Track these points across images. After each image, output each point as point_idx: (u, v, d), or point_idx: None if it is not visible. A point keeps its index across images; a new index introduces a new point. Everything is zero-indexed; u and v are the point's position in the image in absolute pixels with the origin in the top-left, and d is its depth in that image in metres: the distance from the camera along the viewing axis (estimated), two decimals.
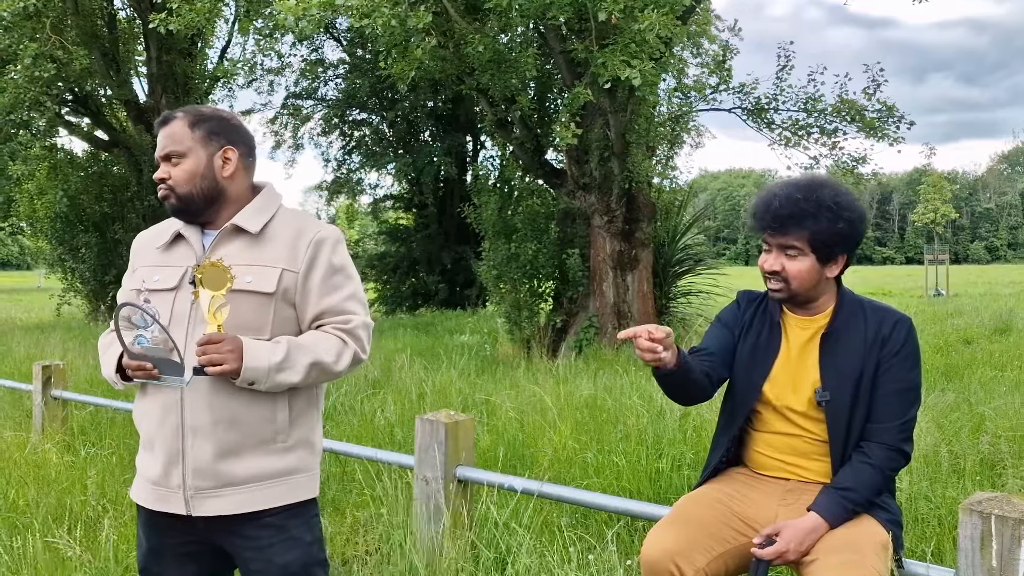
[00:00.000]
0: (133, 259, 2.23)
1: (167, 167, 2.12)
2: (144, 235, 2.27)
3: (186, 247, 2.15)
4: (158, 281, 2.11)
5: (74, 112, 17.74)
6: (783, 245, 2.40)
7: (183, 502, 2.04)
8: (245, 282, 2.03)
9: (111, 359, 2.11)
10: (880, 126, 11.31)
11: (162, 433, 2.05)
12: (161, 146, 2.13)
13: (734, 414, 2.57)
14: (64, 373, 6.56)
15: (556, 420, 5.55)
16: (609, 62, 8.09)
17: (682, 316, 12.05)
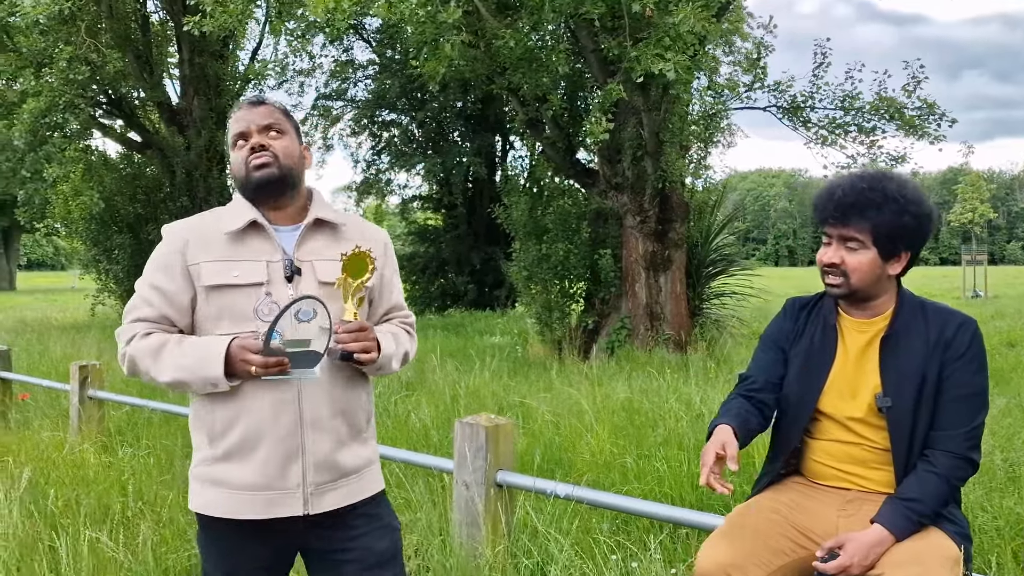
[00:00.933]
0: (184, 253, 2.00)
1: (265, 137, 2.06)
2: (188, 228, 2.06)
3: (262, 240, 2.04)
4: (237, 276, 2.00)
5: (108, 114, 17.95)
6: (844, 237, 2.30)
7: (302, 501, 1.99)
8: (327, 275, 2.06)
9: (209, 357, 1.90)
10: (920, 124, 11.07)
11: (275, 431, 1.98)
12: (261, 116, 2.08)
13: (791, 424, 2.48)
14: (100, 373, 6.60)
15: (593, 423, 5.47)
16: (643, 57, 7.98)
17: (715, 318, 11.89)
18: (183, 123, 18.00)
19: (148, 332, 1.99)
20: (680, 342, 11.33)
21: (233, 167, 2.12)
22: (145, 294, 2.03)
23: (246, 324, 1.97)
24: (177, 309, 2.02)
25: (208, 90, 18.01)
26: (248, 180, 2.05)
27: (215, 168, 18.30)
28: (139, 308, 2.03)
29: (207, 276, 1.99)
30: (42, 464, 5.08)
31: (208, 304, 1.99)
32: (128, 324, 2.02)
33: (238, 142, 2.09)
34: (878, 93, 11.37)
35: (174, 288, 2.02)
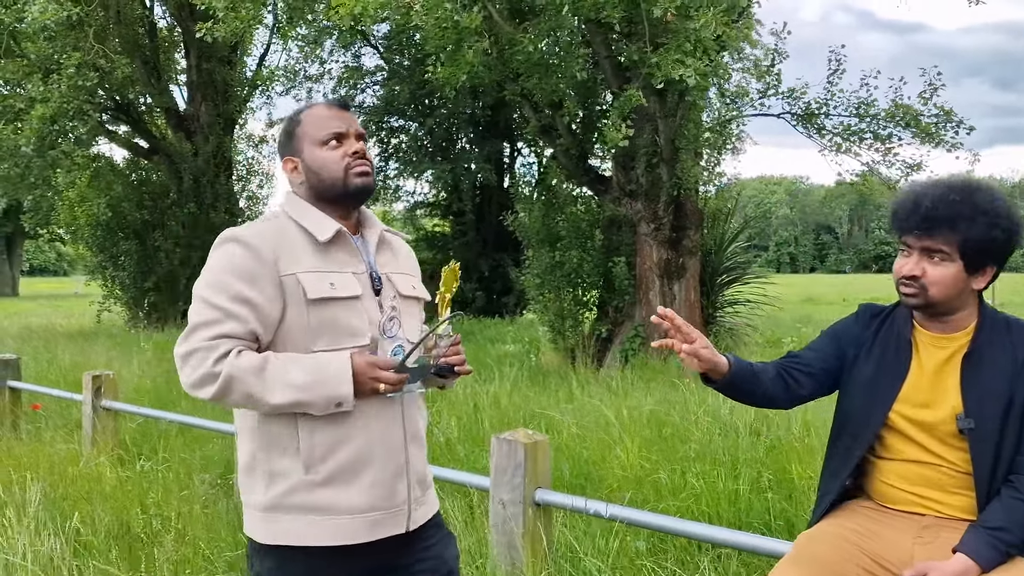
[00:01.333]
0: (276, 262, 1.85)
1: (363, 146, 2.03)
2: (268, 235, 1.90)
3: (347, 251, 1.97)
4: (334, 288, 1.90)
5: (114, 120, 17.87)
6: (928, 249, 2.18)
7: (406, 517, 1.97)
8: (412, 288, 2.09)
9: (335, 375, 1.80)
10: (936, 132, 10.96)
11: (385, 449, 1.93)
12: (356, 123, 2.05)
13: (854, 441, 2.35)
14: (114, 383, 6.47)
15: (622, 436, 5.34)
16: (663, 62, 7.88)
17: (730, 326, 11.77)
18: (190, 129, 17.92)
19: (240, 350, 1.81)
20: None
21: (321, 165, 1.99)
22: (228, 306, 1.82)
23: (345, 340, 1.89)
24: (265, 325, 1.86)
25: (215, 96, 17.94)
26: (347, 184, 1.97)
27: (222, 174, 18.21)
28: (221, 323, 1.81)
29: (310, 288, 1.87)
30: (56, 478, 4.96)
31: (307, 318, 1.86)
32: (207, 341, 1.80)
33: (331, 141, 1.99)
34: (893, 100, 11.26)
35: (264, 301, 1.84)
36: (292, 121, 2.04)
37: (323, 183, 1.98)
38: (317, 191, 2.00)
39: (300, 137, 2.01)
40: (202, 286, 1.88)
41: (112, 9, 15.96)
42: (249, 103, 19.02)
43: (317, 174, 1.98)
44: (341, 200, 1.99)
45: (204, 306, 1.84)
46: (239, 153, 19.82)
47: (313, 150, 1.98)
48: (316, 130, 1.98)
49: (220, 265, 1.87)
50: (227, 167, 18.47)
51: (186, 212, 17.39)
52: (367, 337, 1.91)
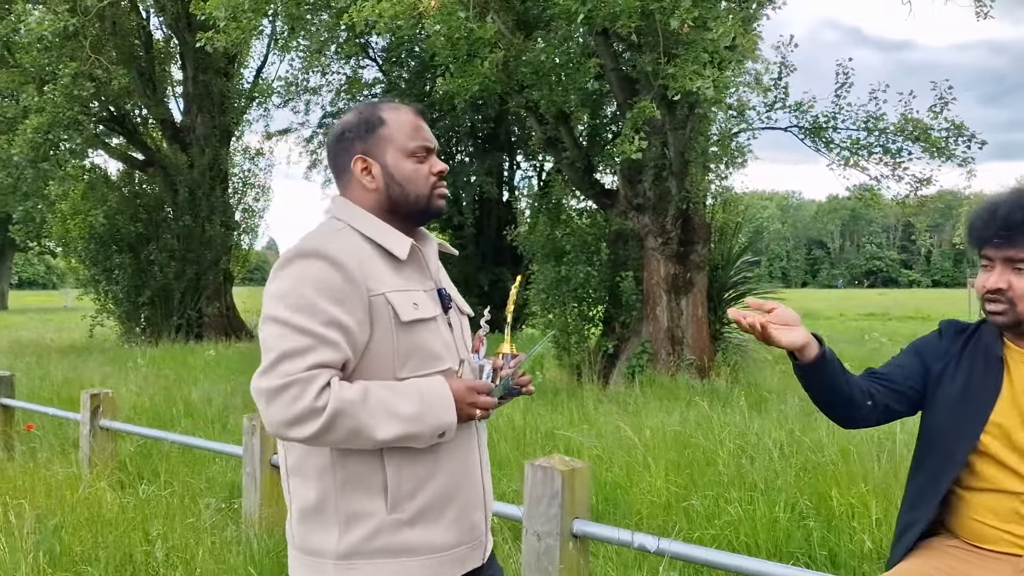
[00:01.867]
0: (365, 281, 1.66)
1: (445, 165, 1.90)
2: (348, 250, 1.68)
3: (416, 268, 1.82)
4: (418, 309, 1.73)
5: (109, 132, 17.64)
6: (1011, 259, 2.00)
7: (483, 548, 1.86)
8: (464, 304, 1.97)
9: (439, 403, 1.66)
10: (946, 146, 10.83)
11: (467, 479, 1.80)
12: (431, 138, 1.89)
13: (941, 468, 2.14)
14: (113, 402, 6.22)
15: (647, 459, 5.12)
16: (679, 74, 7.72)
17: (738, 343, 11.57)
18: (186, 141, 17.70)
19: (338, 380, 1.63)
20: (702, 367, 11.01)
21: (409, 178, 1.80)
22: (321, 331, 1.60)
23: (431, 364, 1.74)
24: (355, 350, 1.66)
25: (212, 107, 17.74)
26: (430, 204, 1.83)
27: (218, 187, 17.98)
28: (315, 350, 1.58)
29: (401, 309, 1.70)
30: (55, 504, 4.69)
31: (396, 343, 1.69)
32: (303, 372, 1.57)
33: (420, 153, 1.82)
34: (903, 114, 11.14)
35: (355, 324, 1.64)
36: (374, 118, 1.82)
37: (406, 197, 1.80)
38: (394, 203, 1.81)
39: (384, 139, 1.81)
40: (282, 308, 1.63)
41: (109, 20, 15.77)
42: (246, 115, 18.82)
43: (402, 186, 1.80)
44: (416, 218, 1.84)
45: (291, 331, 1.60)
46: (235, 166, 19.59)
47: (400, 159, 1.80)
48: (406, 137, 1.80)
49: (304, 283, 1.64)
50: (223, 179, 18.24)
51: (181, 225, 17.13)
52: (447, 360, 1.77)
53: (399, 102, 1.91)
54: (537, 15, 10.17)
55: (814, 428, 6.04)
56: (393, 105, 1.86)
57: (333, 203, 1.87)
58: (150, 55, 17.36)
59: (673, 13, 7.44)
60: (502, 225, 17.99)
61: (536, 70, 9.60)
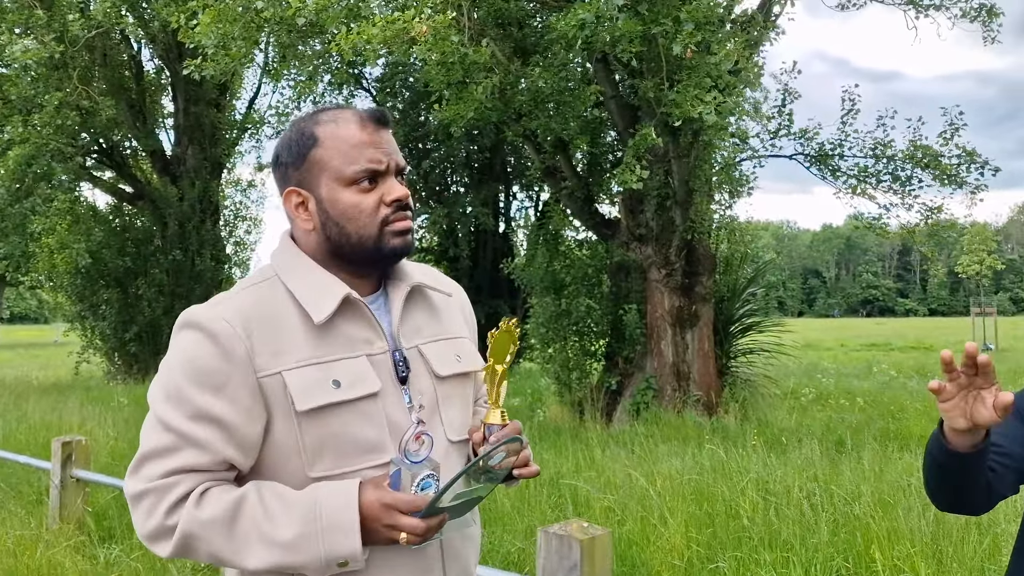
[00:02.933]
0: (251, 356, 1.30)
1: (404, 187, 1.42)
2: (241, 312, 1.33)
3: (355, 321, 1.38)
4: (341, 388, 1.31)
5: (98, 165, 17.31)
6: None
7: None
8: (456, 361, 1.48)
9: (334, 523, 1.25)
10: (957, 174, 10.52)
11: None
12: (395, 149, 1.42)
13: None
14: (86, 449, 5.75)
15: (663, 512, 4.68)
16: (681, 100, 7.40)
17: (745, 377, 11.15)
18: (176, 173, 17.37)
19: (204, 489, 1.29)
20: (710, 403, 10.58)
21: (347, 215, 1.38)
22: (185, 428, 1.28)
23: (357, 458, 1.33)
24: (241, 447, 1.30)
25: (203, 139, 17.43)
26: (381, 245, 1.38)
27: (209, 219, 17.62)
28: (177, 452, 1.28)
29: (301, 394, 1.29)
30: (15, 564, 4.23)
31: (302, 435, 1.31)
32: (158, 480, 1.28)
33: (364, 181, 1.38)
34: (912, 141, 10.85)
35: (236, 415, 1.29)
36: (305, 136, 1.40)
37: (347, 239, 1.38)
38: (335, 246, 1.39)
39: (317, 164, 1.39)
40: (156, 394, 1.32)
41: (98, 51, 15.51)
42: (237, 146, 18.52)
43: (339, 226, 1.38)
44: (367, 264, 1.41)
45: (157, 425, 1.31)
46: (226, 198, 19.25)
47: (336, 189, 1.38)
48: (343, 160, 1.37)
49: (176, 364, 1.31)
50: (214, 212, 17.89)
51: (170, 259, 16.73)
52: (390, 451, 1.34)
53: (345, 107, 1.46)
54: (535, 41, 9.90)
55: (839, 473, 5.62)
56: (333, 114, 1.42)
57: (278, 241, 1.48)
58: (141, 86, 17.08)
59: (675, 38, 7.14)
60: (498, 257, 17.64)
61: (533, 97, 9.30)
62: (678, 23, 6.75)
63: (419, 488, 1.30)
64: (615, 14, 6.34)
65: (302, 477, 1.30)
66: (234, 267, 18.80)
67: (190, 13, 9.43)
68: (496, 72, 7.72)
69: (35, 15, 13.59)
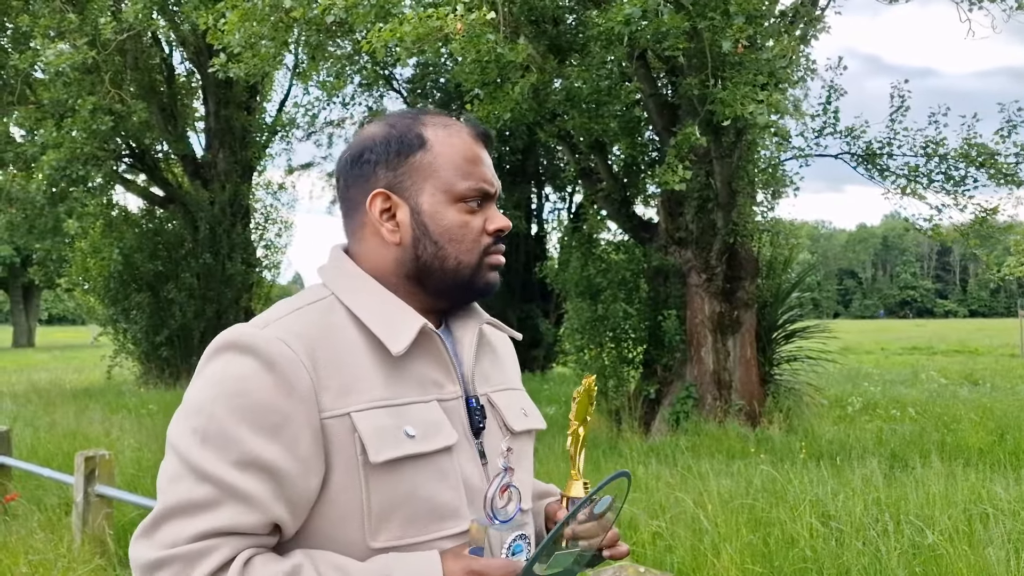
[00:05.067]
0: (315, 392, 1.04)
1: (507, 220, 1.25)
2: (302, 336, 1.07)
3: (431, 360, 1.15)
4: (414, 439, 1.06)
5: (131, 168, 17.32)
6: None
7: None
8: (524, 417, 1.27)
9: None
10: (1014, 173, 10.02)
11: None
12: (493, 178, 1.23)
13: None
14: (110, 464, 5.56)
15: (715, 541, 4.35)
16: (728, 98, 7.04)
17: (789, 385, 10.74)
18: (207, 177, 17.32)
19: (248, 558, 1.01)
20: (752, 413, 10.19)
21: (449, 234, 1.14)
22: (229, 478, 1.00)
23: (431, 526, 1.09)
24: (293, 505, 1.04)
25: (234, 142, 17.36)
26: (475, 279, 1.18)
27: (239, 223, 17.54)
28: (216, 508, 1.00)
29: (375, 442, 1.04)
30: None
31: (369, 494, 1.06)
32: (188, 544, 1.00)
33: (473, 201, 1.16)
34: (965, 139, 10.35)
35: (294, 465, 1.03)
36: (411, 136, 1.17)
37: (442, 263, 1.15)
38: (422, 269, 1.14)
39: (422, 169, 1.16)
40: (183, 432, 1.03)
41: (130, 54, 15.48)
42: (268, 149, 18.44)
43: (438, 245, 1.14)
44: (452, 295, 1.17)
45: (187, 473, 1.02)
46: (257, 201, 19.18)
47: (441, 203, 1.16)
48: (456, 172, 1.16)
49: (219, 396, 1.02)
50: (244, 215, 17.81)
51: (201, 263, 16.66)
52: (463, 517, 1.11)
53: (446, 114, 1.22)
54: (571, 39, 9.58)
55: (903, 495, 5.24)
56: (443, 119, 1.19)
57: (329, 257, 1.21)
58: (172, 89, 17.07)
59: (724, 32, 6.79)
60: (531, 260, 17.34)
61: (570, 96, 8.98)
62: (727, 17, 6.41)
63: (510, 553, 1.08)
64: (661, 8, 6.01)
65: (361, 548, 1.05)
66: (264, 270, 18.71)
67: (219, 14, 9.27)
68: (532, 71, 7.42)
69: (67, 19, 13.58)
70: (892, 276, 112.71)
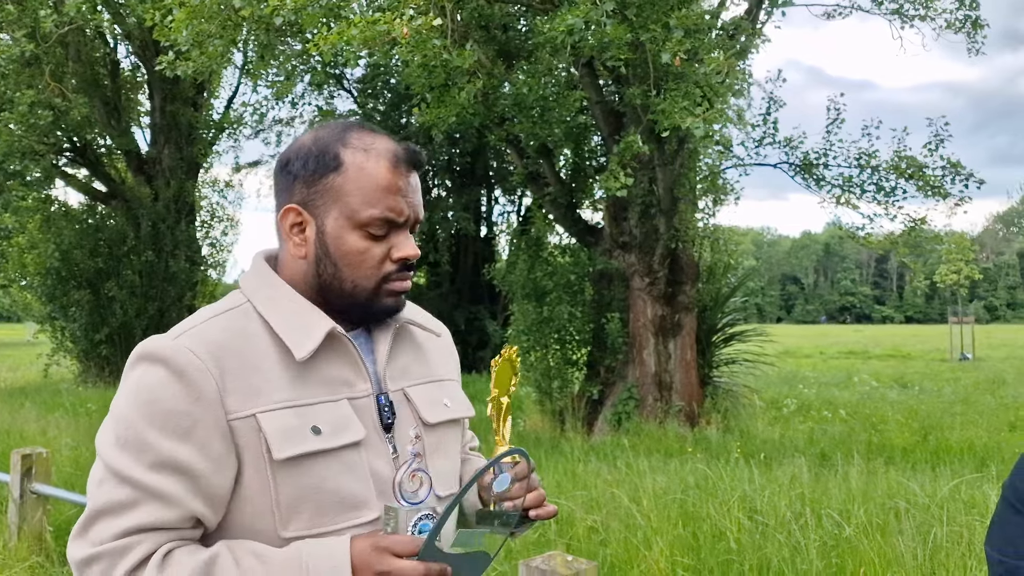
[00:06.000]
0: (221, 397, 1.13)
1: (416, 248, 1.28)
2: (212, 343, 1.16)
3: (341, 362, 1.23)
4: (320, 435, 1.15)
5: (72, 163, 16.95)
6: None
7: None
8: (444, 408, 1.34)
9: None
10: (940, 185, 10.49)
11: None
12: (413, 202, 1.25)
13: None
14: (47, 463, 5.52)
15: (647, 534, 4.53)
16: (669, 110, 7.27)
17: (727, 387, 11.06)
18: (151, 173, 17.04)
19: (168, 551, 1.11)
20: (691, 414, 10.48)
21: (347, 259, 1.22)
22: (146, 480, 1.10)
23: (339, 516, 1.17)
24: (211, 500, 1.14)
25: (180, 138, 17.12)
26: (372, 303, 1.24)
27: (184, 220, 17.31)
28: (136, 507, 1.10)
29: (278, 440, 1.13)
30: None
31: (277, 488, 1.14)
32: (114, 543, 1.10)
33: (373, 226, 1.22)
34: (896, 151, 10.81)
35: (206, 464, 1.12)
36: (328, 155, 1.22)
37: (339, 283, 1.23)
38: (323, 285, 1.23)
39: (332, 191, 1.22)
40: (107, 440, 1.13)
41: (72, 47, 15.17)
42: (215, 146, 18.22)
43: (336, 267, 1.22)
44: (350, 314, 1.25)
45: (111, 477, 1.12)
46: (203, 198, 18.93)
47: (345, 227, 1.22)
48: (363, 199, 1.21)
49: (135, 404, 1.13)
50: (189, 212, 17.57)
51: (143, 260, 16.39)
52: (374, 508, 1.19)
53: (379, 133, 1.27)
54: (519, 45, 9.75)
55: (826, 491, 5.50)
56: (367, 141, 1.23)
57: (251, 264, 1.30)
58: (116, 84, 16.75)
59: (664, 45, 7.02)
60: (479, 262, 17.47)
61: (517, 102, 9.15)
62: (667, 30, 6.63)
63: (416, 531, 1.15)
64: (604, 20, 6.19)
65: (274, 538, 1.14)
66: (209, 268, 18.48)
67: (165, 10, 9.20)
68: (479, 76, 7.55)
69: (5, 10, 13.28)
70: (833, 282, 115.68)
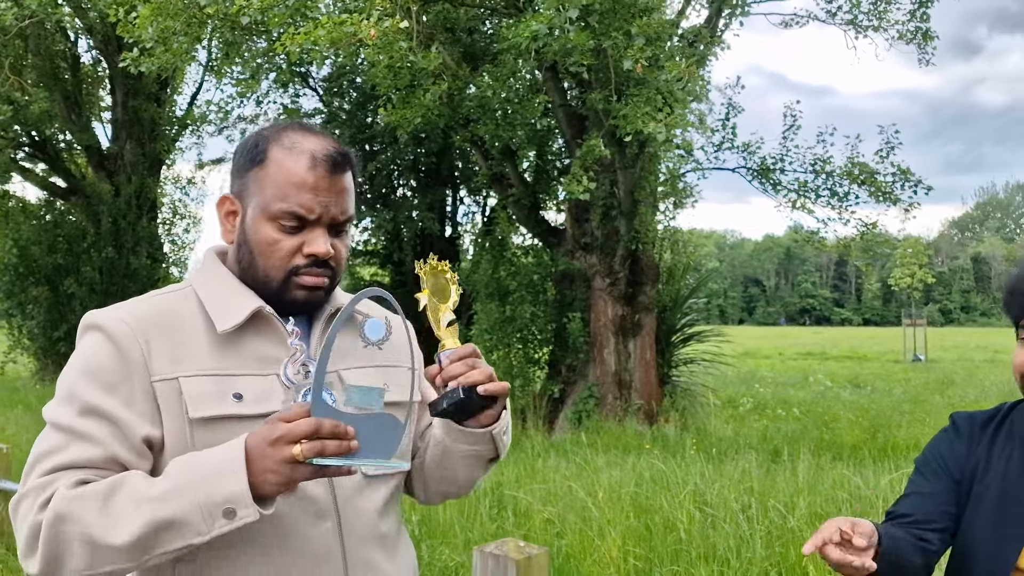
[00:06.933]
0: (146, 360, 1.24)
1: (332, 239, 1.34)
2: (141, 318, 1.28)
3: (267, 339, 1.33)
4: (240, 402, 1.26)
5: (30, 157, 16.70)
6: None
7: None
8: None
9: (217, 467, 1.13)
10: (891, 192, 10.85)
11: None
12: (340, 199, 1.33)
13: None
14: (8, 458, 5.54)
15: (601, 526, 4.69)
16: (631, 115, 7.46)
17: (685, 386, 11.31)
18: (112, 169, 16.85)
19: (81, 480, 1.19)
20: (650, 412, 10.70)
21: (258, 248, 1.33)
22: (74, 424, 1.21)
23: None
24: (134, 448, 1.24)
25: (142, 134, 16.95)
26: (283, 292, 1.33)
27: (145, 216, 17.14)
28: (65, 448, 1.20)
29: (195, 401, 1.25)
30: None
31: (194, 445, 1.24)
32: (41, 479, 1.18)
33: (283, 219, 1.31)
34: (849, 158, 11.14)
35: (128, 414, 1.23)
36: (258, 149, 1.33)
37: (254, 270, 1.34)
38: (243, 271, 1.35)
39: (254, 183, 1.33)
40: (51, 402, 1.28)
41: (31, 40, 14.98)
42: (178, 143, 18.06)
43: (251, 255, 1.34)
44: (271, 301, 1.34)
45: (49, 430, 1.25)
46: (165, 195, 18.76)
47: (257, 217, 1.32)
48: (275, 193, 1.30)
49: (75, 365, 1.28)
50: (151, 209, 17.41)
51: (104, 256, 16.21)
52: None
53: (313, 131, 1.36)
54: (484, 48, 9.88)
55: (774, 485, 5.72)
56: (294, 137, 1.33)
57: (203, 257, 1.45)
58: (77, 78, 16.54)
59: (626, 52, 7.20)
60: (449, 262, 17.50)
61: (482, 104, 9.28)
62: (629, 37, 6.82)
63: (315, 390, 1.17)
64: (567, 26, 6.36)
65: None
66: (172, 266, 18.33)
67: (130, 6, 9.17)
68: (445, 78, 7.67)
69: None
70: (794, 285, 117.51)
